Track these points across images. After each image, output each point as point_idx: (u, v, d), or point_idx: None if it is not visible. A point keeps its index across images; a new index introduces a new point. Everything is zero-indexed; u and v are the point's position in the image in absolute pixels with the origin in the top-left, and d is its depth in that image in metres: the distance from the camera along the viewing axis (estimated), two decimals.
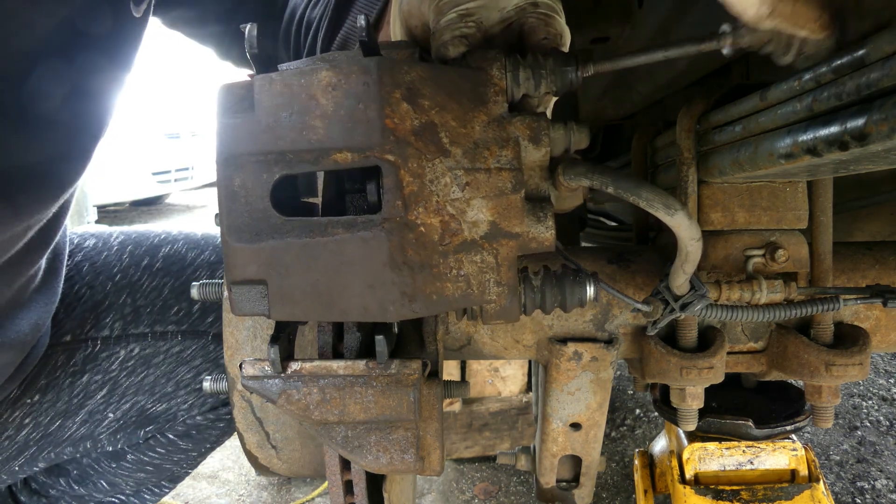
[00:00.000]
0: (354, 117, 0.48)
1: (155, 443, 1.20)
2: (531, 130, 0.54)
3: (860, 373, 0.79)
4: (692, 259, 0.60)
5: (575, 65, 0.56)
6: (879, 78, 0.45)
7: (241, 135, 0.50)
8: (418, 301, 0.50)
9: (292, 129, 0.49)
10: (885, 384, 2.73)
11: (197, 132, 8.90)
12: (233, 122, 0.50)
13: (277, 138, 0.49)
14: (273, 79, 0.50)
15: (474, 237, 0.51)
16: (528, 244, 0.52)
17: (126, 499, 1.29)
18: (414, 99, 0.50)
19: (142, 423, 1.15)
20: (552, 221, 0.53)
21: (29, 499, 1.23)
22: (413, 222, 0.49)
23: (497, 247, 0.52)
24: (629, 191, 0.53)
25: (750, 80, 1.12)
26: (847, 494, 2.12)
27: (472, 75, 0.53)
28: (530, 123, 0.54)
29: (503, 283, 0.52)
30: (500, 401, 2.21)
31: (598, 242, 2.09)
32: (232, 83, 0.52)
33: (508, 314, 0.54)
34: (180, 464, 1.27)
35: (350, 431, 0.57)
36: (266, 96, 0.50)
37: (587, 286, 0.58)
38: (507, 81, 0.54)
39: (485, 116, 0.52)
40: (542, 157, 0.56)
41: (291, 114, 0.49)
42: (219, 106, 0.51)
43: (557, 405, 0.87)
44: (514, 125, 0.53)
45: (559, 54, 0.57)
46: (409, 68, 0.51)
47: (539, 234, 0.52)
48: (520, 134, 0.54)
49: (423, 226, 0.50)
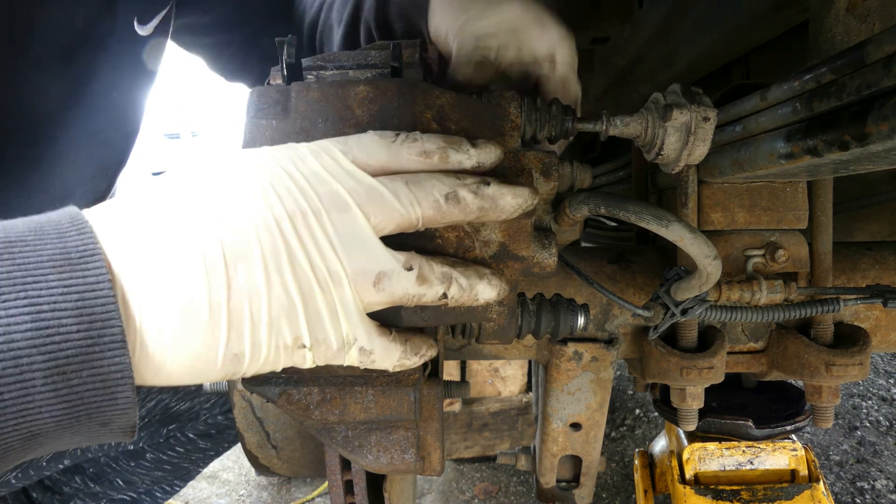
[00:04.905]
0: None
1: (175, 441, 1.21)
2: (543, 165, 0.57)
3: (860, 373, 0.79)
4: (712, 280, 0.60)
5: (572, 116, 0.61)
6: (879, 78, 0.45)
7: (274, 135, 0.52)
8: (428, 311, 0.52)
9: (326, 135, 0.51)
10: (885, 384, 2.73)
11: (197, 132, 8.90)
12: (266, 122, 0.53)
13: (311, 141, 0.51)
14: (311, 86, 0.53)
15: (484, 256, 0.53)
16: (532, 268, 0.55)
17: (138, 496, 1.30)
18: (442, 121, 0.53)
19: (165, 421, 1.15)
20: (555, 249, 0.56)
21: (42, 496, 1.23)
22: (432, 233, 0.51)
23: (503, 268, 0.53)
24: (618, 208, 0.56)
25: (750, 80, 1.12)
26: (847, 494, 2.12)
27: (493, 109, 0.56)
28: (542, 158, 0.57)
29: (504, 304, 0.54)
30: (500, 401, 2.21)
31: (598, 242, 2.09)
32: (265, 87, 0.54)
33: (504, 335, 0.56)
34: (197, 463, 1.28)
35: (350, 431, 0.57)
36: (303, 102, 0.53)
37: (579, 316, 0.61)
38: (522, 119, 0.58)
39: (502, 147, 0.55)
40: (551, 191, 0.59)
41: (326, 120, 0.52)
42: (250, 107, 0.53)
43: (557, 405, 0.87)
44: (527, 158, 0.56)
45: (560, 105, 0.61)
46: (441, 93, 0.54)
47: (542, 259, 0.55)
48: (532, 166, 0.56)
49: (441, 238, 0.52)
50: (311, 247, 0.44)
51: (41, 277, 0.40)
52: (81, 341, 0.39)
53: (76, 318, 0.39)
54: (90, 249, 0.41)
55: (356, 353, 0.48)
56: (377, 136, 0.49)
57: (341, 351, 0.47)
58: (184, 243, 0.43)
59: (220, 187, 0.45)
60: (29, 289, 0.39)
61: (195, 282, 0.42)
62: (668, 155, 0.60)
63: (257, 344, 0.44)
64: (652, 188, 0.96)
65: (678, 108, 0.57)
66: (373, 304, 0.48)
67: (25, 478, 1.07)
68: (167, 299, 0.42)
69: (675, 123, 0.58)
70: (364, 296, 0.47)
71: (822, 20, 0.68)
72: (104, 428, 0.43)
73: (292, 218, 0.44)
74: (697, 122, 0.57)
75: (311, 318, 0.45)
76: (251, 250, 0.43)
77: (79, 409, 0.41)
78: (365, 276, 0.46)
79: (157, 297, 0.42)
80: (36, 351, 0.39)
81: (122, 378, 0.41)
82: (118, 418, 0.43)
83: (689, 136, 0.58)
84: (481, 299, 0.50)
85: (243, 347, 0.44)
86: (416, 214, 0.47)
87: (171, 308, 0.42)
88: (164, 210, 0.44)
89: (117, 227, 0.43)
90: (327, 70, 0.59)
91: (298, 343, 0.45)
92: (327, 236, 0.45)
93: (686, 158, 0.59)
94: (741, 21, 0.94)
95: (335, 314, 0.46)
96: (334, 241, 0.45)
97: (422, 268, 0.47)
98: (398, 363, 0.50)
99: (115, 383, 0.41)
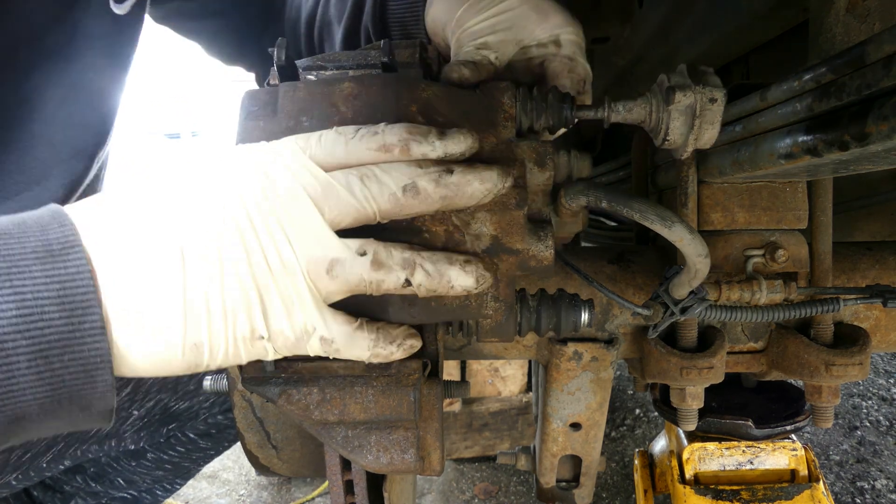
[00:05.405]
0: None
1: (176, 441, 1.21)
2: (537, 154, 0.56)
3: (860, 373, 0.79)
4: (700, 276, 0.60)
5: (570, 104, 0.59)
6: (879, 78, 0.45)
7: (262, 136, 0.53)
8: (417, 307, 0.51)
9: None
10: (885, 384, 2.73)
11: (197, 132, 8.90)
12: (254, 124, 0.53)
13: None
14: (297, 86, 0.54)
15: (476, 250, 0.52)
16: (528, 262, 0.53)
17: (139, 494, 1.30)
18: (429, 114, 0.52)
19: (165, 421, 1.16)
20: (552, 241, 0.54)
21: (43, 494, 1.24)
22: (418, 227, 0.51)
23: (497, 262, 0.53)
24: (622, 204, 0.55)
25: (750, 80, 1.12)
26: (847, 494, 2.12)
27: (485, 100, 0.56)
28: (536, 148, 0.56)
29: (500, 300, 0.53)
30: (500, 401, 2.21)
31: (598, 242, 2.09)
32: (256, 89, 0.55)
33: (503, 332, 0.55)
34: (197, 462, 1.28)
35: (350, 431, 0.57)
36: (289, 101, 0.53)
37: (582, 312, 0.60)
38: (516, 110, 0.57)
39: (494, 138, 0.54)
40: (546, 181, 0.57)
41: (311, 118, 0.52)
42: (242, 110, 0.54)
43: (557, 405, 0.87)
44: (521, 148, 0.55)
45: (557, 93, 0.60)
46: (427, 86, 0.53)
47: (539, 252, 0.54)
48: (526, 157, 0.56)
49: (428, 232, 0.51)
50: (266, 240, 0.46)
51: (25, 268, 0.42)
52: (63, 328, 0.42)
53: (58, 306, 0.42)
54: (70, 242, 0.44)
55: (317, 343, 0.49)
56: (336, 132, 0.50)
57: (301, 341, 0.49)
58: (148, 239, 0.45)
59: (186, 187, 0.48)
60: (14, 278, 0.41)
61: (156, 275, 0.45)
62: (674, 140, 0.58)
63: (215, 334, 0.46)
64: (652, 188, 0.96)
65: (681, 91, 0.55)
66: (331, 292, 0.49)
67: (26, 479, 1.07)
68: (131, 291, 0.44)
69: (678, 106, 0.55)
70: (319, 284, 0.48)
71: (822, 20, 0.68)
72: (84, 412, 0.45)
73: (249, 214, 0.46)
74: (703, 104, 0.55)
75: (267, 308, 0.47)
76: (208, 246, 0.45)
77: (60, 392, 0.43)
78: (317, 264, 0.47)
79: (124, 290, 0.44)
80: (21, 336, 0.41)
81: (102, 362, 0.43)
82: (97, 402, 0.45)
83: (694, 119, 0.56)
84: (456, 287, 0.50)
85: (201, 338, 0.46)
86: (372, 208, 0.48)
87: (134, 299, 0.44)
88: (137, 208, 0.47)
89: (96, 223, 0.45)
90: (327, 70, 0.59)
91: (256, 334, 0.47)
92: (283, 229, 0.47)
93: (693, 143, 0.57)
94: (741, 21, 0.94)
95: (291, 304, 0.47)
96: (289, 234, 0.47)
97: (377, 253, 0.48)
98: (371, 353, 0.51)
99: (95, 367, 0.43)
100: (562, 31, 0.66)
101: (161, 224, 0.46)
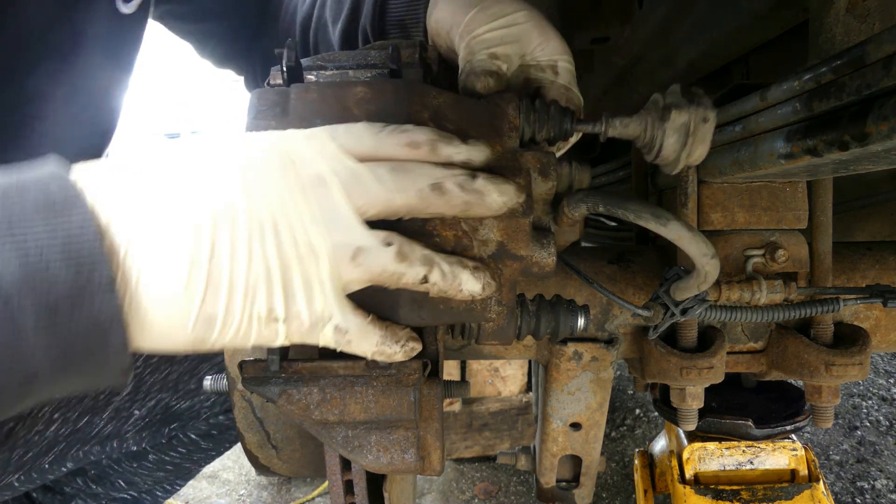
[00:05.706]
0: None
1: (177, 442, 1.21)
2: (541, 164, 0.58)
3: (860, 373, 0.79)
4: (710, 279, 0.60)
5: (571, 118, 0.61)
6: (879, 78, 0.45)
7: None
8: (426, 308, 0.52)
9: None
10: (885, 384, 2.73)
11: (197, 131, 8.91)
12: (265, 123, 0.53)
13: None
14: (309, 87, 0.54)
15: (482, 255, 0.53)
16: (531, 268, 0.54)
17: (139, 496, 1.30)
18: (439, 121, 0.53)
19: (166, 421, 1.15)
20: (554, 248, 0.55)
21: (43, 496, 1.23)
22: (429, 231, 0.51)
23: (502, 267, 0.53)
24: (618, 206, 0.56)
25: (750, 80, 1.12)
26: (847, 494, 2.12)
27: (491, 109, 0.57)
28: (541, 158, 0.58)
29: (503, 304, 0.54)
30: (500, 401, 2.21)
31: (598, 242, 2.09)
32: (265, 89, 0.55)
33: (504, 335, 0.56)
34: (198, 462, 1.28)
35: (350, 431, 0.57)
36: (301, 103, 0.53)
37: (579, 318, 0.61)
38: (520, 120, 0.58)
39: (500, 147, 0.55)
40: (549, 191, 0.59)
41: (324, 120, 0.52)
42: (250, 109, 0.54)
43: (557, 405, 0.87)
44: (525, 157, 0.56)
45: (558, 106, 0.61)
46: (438, 94, 0.54)
47: (541, 258, 0.54)
48: (531, 166, 0.57)
49: (438, 237, 0.51)
50: (294, 221, 0.46)
51: (26, 222, 0.40)
52: (72, 283, 0.40)
53: (64, 261, 0.40)
54: (73, 196, 0.42)
55: (331, 332, 0.48)
56: (366, 125, 0.50)
57: (315, 328, 0.48)
58: (175, 201, 0.44)
59: (210, 161, 0.47)
60: (15, 232, 0.39)
61: (181, 238, 0.43)
62: (667, 156, 0.60)
63: (231, 309, 0.45)
64: (652, 188, 0.96)
65: (676, 110, 0.57)
66: (352, 281, 0.48)
67: (29, 481, 1.07)
68: (151, 252, 0.43)
69: (673, 125, 0.58)
70: (342, 271, 0.47)
71: (822, 20, 0.68)
72: (99, 370, 0.44)
73: (281, 193, 0.46)
74: (696, 122, 0.57)
75: (288, 289, 0.46)
76: (238, 217, 0.44)
77: (73, 350, 0.41)
78: (343, 250, 0.47)
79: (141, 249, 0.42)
80: (26, 292, 0.39)
81: (114, 319, 0.41)
82: (112, 360, 0.43)
83: (687, 137, 0.58)
84: (465, 291, 0.50)
85: (217, 310, 0.44)
86: (400, 200, 0.48)
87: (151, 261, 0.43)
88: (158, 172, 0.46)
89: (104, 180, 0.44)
90: (327, 70, 0.60)
91: (272, 315, 0.46)
92: (311, 212, 0.46)
93: (686, 159, 0.59)
94: (741, 21, 0.94)
95: (311, 287, 0.47)
96: (318, 217, 0.46)
97: (402, 245, 0.48)
98: (377, 349, 0.51)
99: (108, 324, 0.41)
100: (559, 59, 0.67)
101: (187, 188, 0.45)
